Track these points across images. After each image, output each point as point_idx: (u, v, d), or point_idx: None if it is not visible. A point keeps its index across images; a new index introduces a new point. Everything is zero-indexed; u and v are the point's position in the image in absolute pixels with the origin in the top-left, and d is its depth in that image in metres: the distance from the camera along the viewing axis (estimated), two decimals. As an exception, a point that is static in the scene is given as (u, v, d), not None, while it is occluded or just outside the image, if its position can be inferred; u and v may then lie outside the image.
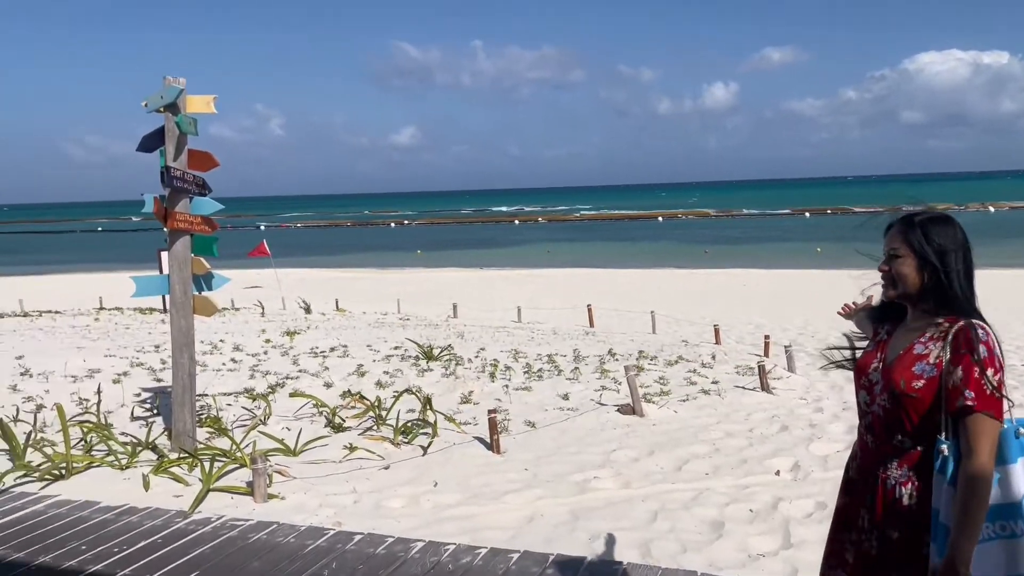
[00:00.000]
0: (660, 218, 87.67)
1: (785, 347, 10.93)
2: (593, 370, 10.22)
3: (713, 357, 11.40)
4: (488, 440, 6.74)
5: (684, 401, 8.41)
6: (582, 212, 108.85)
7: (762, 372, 9.07)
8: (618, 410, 7.94)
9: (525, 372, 10.13)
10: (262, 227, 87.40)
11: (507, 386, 9.27)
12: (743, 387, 9.10)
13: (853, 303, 3.22)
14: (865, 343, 2.71)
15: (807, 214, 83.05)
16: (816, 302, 20.04)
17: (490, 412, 6.81)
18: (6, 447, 6.52)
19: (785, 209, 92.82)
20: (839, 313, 3.18)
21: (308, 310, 19.73)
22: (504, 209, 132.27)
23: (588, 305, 17.46)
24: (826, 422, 7.66)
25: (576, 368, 10.32)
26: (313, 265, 42.04)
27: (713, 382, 9.38)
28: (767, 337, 12.48)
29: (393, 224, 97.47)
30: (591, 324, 16.73)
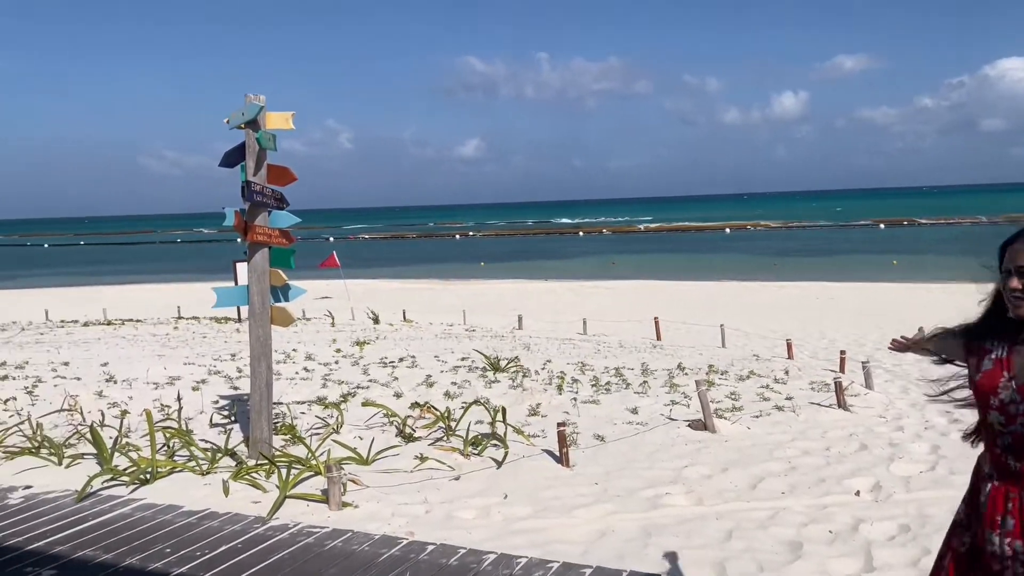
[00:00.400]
0: (727, 229, 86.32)
1: (862, 363, 10.62)
2: (662, 384, 10.10)
3: (786, 372, 11.15)
4: (557, 453, 6.72)
5: (757, 417, 8.24)
6: (647, 224, 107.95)
7: (839, 388, 8.83)
8: (689, 425, 7.83)
9: (592, 385, 10.08)
10: (331, 239, 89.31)
11: (575, 399, 9.24)
12: (819, 404, 8.87)
13: (903, 337, 3.12)
14: (941, 367, 2.64)
15: (881, 225, 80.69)
16: (893, 316, 19.44)
17: (559, 425, 6.79)
18: (94, 451, 6.79)
19: (858, 220, 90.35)
20: (891, 348, 3.08)
21: (376, 320, 20.06)
22: (568, 221, 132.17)
23: (655, 318, 17.28)
24: (907, 441, 7.41)
25: (644, 382, 10.22)
26: (380, 276, 42.77)
27: (787, 398, 9.18)
28: (843, 352, 12.14)
29: (458, 236, 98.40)
30: (658, 337, 16.56)
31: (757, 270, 39.23)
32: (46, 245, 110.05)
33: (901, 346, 2.99)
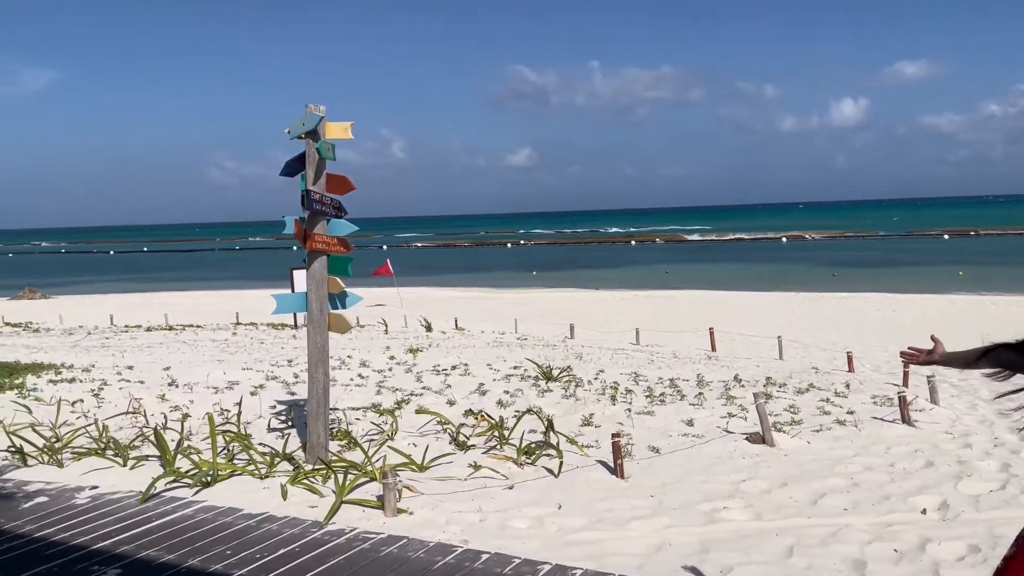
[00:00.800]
0: (784, 239, 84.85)
1: (927, 377, 10.31)
2: (718, 396, 9.95)
3: (847, 386, 10.89)
4: (612, 464, 6.67)
5: (817, 431, 8.06)
6: (700, 234, 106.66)
7: (903, 403, 8.58)
8: (747, 439, 7.69)
9: (647, 396, 9.98)
10: (384, 247, 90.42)
11: (629, 410, 9.16)
12: (881, 419, 8.64)
13: (911, 348, 3.00)
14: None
15: (946, 236, 78.37)
16: (959, 328, 18.83)
17: (614, 436, 6.74)
18: (158, 453, 6.98)
19: (922, 230, 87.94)
20: (905, 360, 2.97)
21: (429, 328, 20.21)
22: (619, 230, 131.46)
23: (710, 328, 17.06)
24: (975, 459, 7.15)
25: (700, 393, 10.08)
26: (432, 284, 43.09)
27: (848, 412, 8.95)
28: (906, 365, 11.80)
29: (509, 244, 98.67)
30: (713, 348, 16.33)
31: (815, 281, 38.45)
32: (111, 252, 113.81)
33: (913, 358, 2.89)
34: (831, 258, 55.73)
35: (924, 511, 5.73)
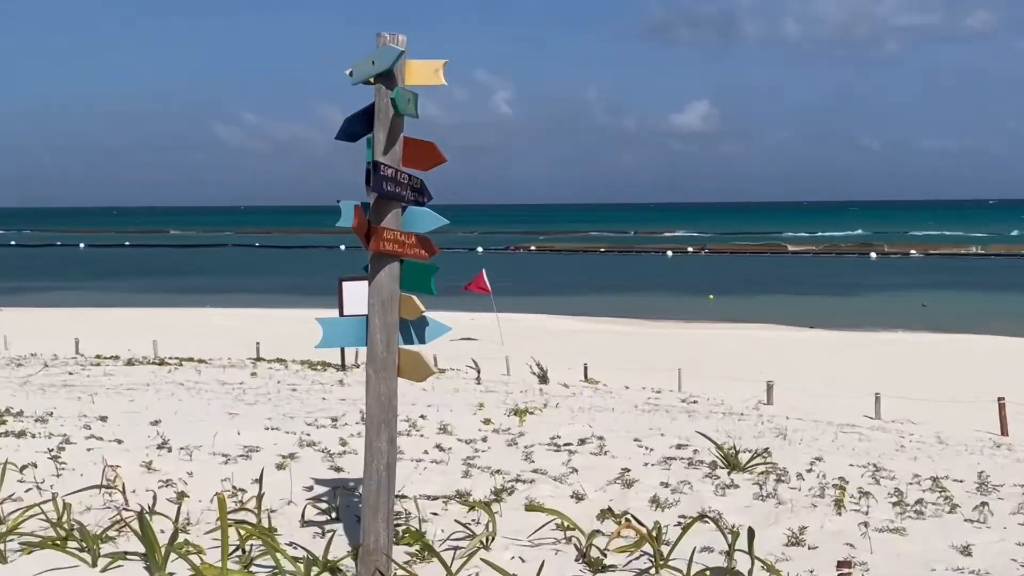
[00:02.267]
0: None
1: None
2: (1013, 510, 9.60)
3: None
4: (836, 611, 6.53)
5: None
6: (979, 245, 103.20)
7: None
8: (1062, 582, 7.35)
9: (894, 503, 9.75)
10: (479, 250, 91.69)
11: (864, 524, 8.95)
12: None
13: None
14: None
15: None
16: None
17: (840, 565, 6.60)
18: (142, 549, 7.24)
19: None
20: None
21: (544, 378, 20.35)
22: (852, 233, 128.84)
23: (999, 399, 16.45)
24: None
25: (983, 504, 9.74)
26: (549, 309, 43.33)
27: None
28: None
29: (669, 253, 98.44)
30: (1004, 431, 15.76)
31: None
32: (82, 245, 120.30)
33: None
34: None
35: None
